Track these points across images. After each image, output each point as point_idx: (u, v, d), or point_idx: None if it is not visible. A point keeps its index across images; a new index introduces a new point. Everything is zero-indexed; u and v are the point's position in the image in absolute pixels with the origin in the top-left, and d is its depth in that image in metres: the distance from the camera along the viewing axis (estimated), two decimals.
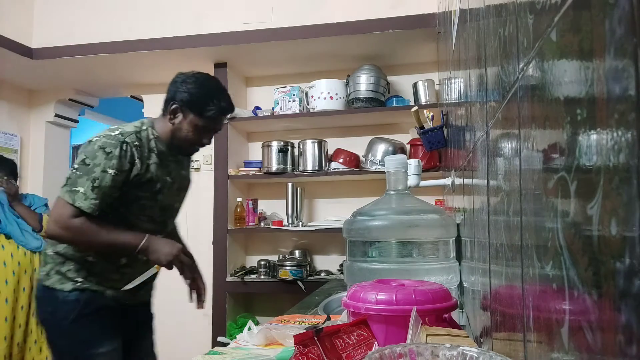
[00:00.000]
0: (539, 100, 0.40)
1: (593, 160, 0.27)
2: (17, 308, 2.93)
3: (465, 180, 1.15)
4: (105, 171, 1.44)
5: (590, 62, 0.28)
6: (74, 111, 4.06)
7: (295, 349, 0.68)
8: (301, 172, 3.03)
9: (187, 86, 1.57)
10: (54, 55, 3.09)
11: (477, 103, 0.84)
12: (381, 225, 1.17)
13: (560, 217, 0.34)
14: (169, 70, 3.38)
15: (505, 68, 0.55)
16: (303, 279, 2.89)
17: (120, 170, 1.46)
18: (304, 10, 2.78)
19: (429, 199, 2.45)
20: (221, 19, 2.88)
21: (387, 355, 0.46)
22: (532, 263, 0.43)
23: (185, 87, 1.57)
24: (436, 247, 1.16)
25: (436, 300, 0.78)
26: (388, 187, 1.20)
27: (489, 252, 0.73)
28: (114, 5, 3.05)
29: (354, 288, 0.85)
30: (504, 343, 0.61)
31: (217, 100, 1.57)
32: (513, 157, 0.52)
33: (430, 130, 1.95)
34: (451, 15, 1.48)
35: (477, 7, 0.83)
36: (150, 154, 1.56)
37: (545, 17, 0.37)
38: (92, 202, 1.43)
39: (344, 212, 2.99)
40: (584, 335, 0.29)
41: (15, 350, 2.88)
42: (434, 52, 2.92)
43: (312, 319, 1.34)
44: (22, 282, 2.95)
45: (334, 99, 2.95)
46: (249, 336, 1.12)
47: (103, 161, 1.44)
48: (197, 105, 1.56)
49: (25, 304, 2.97)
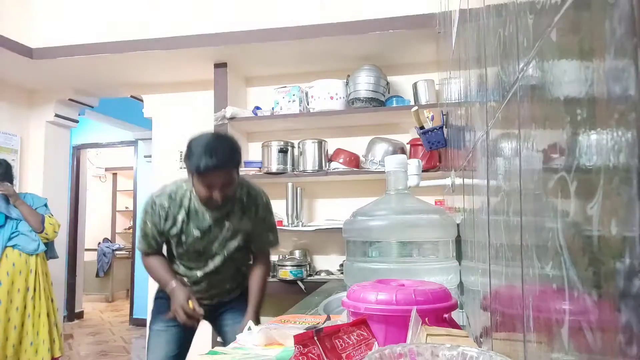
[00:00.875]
0: (539, 100, 0.40)
1: (593, 160, 0.27)
2: (12, 309, 2.90)
3: (465, 180, 1.15)
4: (145, 223, 1.87)
5: (590, 62, 0.28)
6: (74, 111, 4.06)
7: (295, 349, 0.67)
8: (301, 172, 3.03)
9: (187, 145, 1.77)
10: (54, 55, 3.09)
11: (477, 103, 0.84)
12: (381, 225, 1.17)
13: (560, 217, 0.34)
14: (169, 70, 3.40)
15: (505, 68, 0.55)
16: (303, 279, 2.89)
17: (154, 223, 1.85)
18: (304, 10, 2.78)
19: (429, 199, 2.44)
20: (221, 19, 2.88)
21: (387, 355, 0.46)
22: (532, 263, 0.43)
23: (186, 146, 1.77)
24: (436, 247, 1.16)
25: (436, 300, 0.78)
26: (388, 187, 1.20)
27: (489, 252, 0.73)
28: (114, 6, 3.05)
29: (353, 288, 0.85)
30: (504, 343, 0.61)
31: (201, 156, 1.69)
32: (513, 157, 0.52)
33: (430, 130, 1.95)
34: (451, 15, 1.48)
35: (477, 7, 0.83)
36: (180, 210, 1.85)
37: (545, 17, 0.37)
38: (143, 245, 1.91)
39: (344, 212, 2.99)
40: (584, 336, 0.29)
41: (10, 352, 2.86)
42: (434, 52, 2.92)
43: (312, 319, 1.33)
44: (16, 284, 2.92)
45: (334, 99, 2.95)
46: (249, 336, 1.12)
47: (144, 216, 1.88)
48: (189, 164, 1.73)
49: (20, 306, 2.93)
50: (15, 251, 2.94)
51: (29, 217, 2.99)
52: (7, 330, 2.87)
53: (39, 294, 3.02)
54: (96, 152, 7.39)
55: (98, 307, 6.78)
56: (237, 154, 1.79)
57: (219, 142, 1.76)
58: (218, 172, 1.73)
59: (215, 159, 1.70)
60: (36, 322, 3.00)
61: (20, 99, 3.78)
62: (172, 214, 1.85)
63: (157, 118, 3.66)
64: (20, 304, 2.93)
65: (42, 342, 2.99)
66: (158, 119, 3.66)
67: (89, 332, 5.31)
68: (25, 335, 2.96)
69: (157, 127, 3.67)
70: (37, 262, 3.03)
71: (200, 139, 1.75)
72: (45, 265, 3.13)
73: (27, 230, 2.99)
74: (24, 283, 2.96)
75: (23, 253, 2.96)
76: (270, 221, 2.00)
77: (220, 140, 1.78)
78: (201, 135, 1.78)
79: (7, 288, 2.87)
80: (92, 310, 6.54)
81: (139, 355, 4.38)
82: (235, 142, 1.81)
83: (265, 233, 1.98)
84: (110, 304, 7.07)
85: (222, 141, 1.77)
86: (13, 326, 2.89)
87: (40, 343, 2.99)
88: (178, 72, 3.38)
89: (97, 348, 4.64)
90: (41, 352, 2.98)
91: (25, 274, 2.96)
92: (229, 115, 3.00)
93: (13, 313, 2.90)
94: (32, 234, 3.01)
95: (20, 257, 2.95)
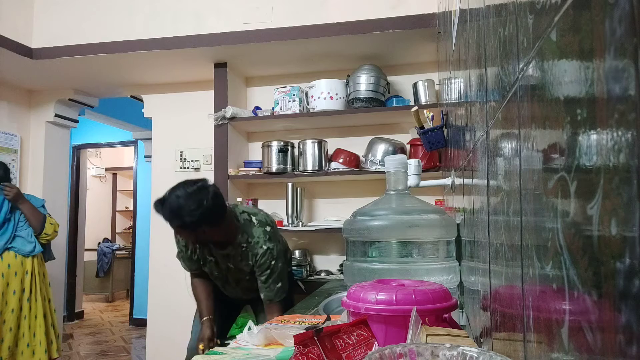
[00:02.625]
0: (539, 100, 0.40)
1: (593, 160, 0.27)
2: (7, 311, 2.87)
3: (465, 180, 1.15)
4: (180, 248, 2.09)
5: (590, 62, 0.28)
6: (74, 111, 4.06)
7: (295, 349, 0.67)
8: (301, 172, 3.03)
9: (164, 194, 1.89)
10: (54, 55, 3.09)
11: (477, 103, 0.84)
12: (381, 225, 1.17)
13: (560, 217, 0.34)
14: (169, 70, 3.40)
15: (505, 68, 0.55)
16: (303, 279, 2.89)
17: (181, 249, 2.07)
18: (304, 10, 2.78)
19: (429, 199, 2.45)
20: (221, 19, 2.88)
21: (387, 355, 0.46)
22: (532, 263, 0.43)
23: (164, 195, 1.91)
24: (436, 247, 1.16)
25: (436, 300, 0.78)
26: (388, 187, 1.20)
27: (489, 252, 0.73)
28: (114, 5, 3.05)
29: (353, 288, 0.85)
30: (504, 343, 0.61)
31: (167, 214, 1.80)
32: (513, 157, 0.52)
33: (430, 130, 1.95)
34: (451, 15, 1.48)
35: (477, 7, 0.83)
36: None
37: (545, 17, 0.37)
38: (183, 265, 2.14)
39: (344, 212, 2.99)
40: (584, 336, 0.29)
41: (5, 354, 2.84)
42: (434, 52, 2.92)
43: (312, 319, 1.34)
44: (12, 285, 2.90)
45: (334, 99, 2.95)
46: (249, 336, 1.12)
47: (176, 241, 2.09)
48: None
49: (15, 307, 2.90)
50: (11, 253, 2.92)
51: (30, 217, 2.98)
52: (2, 332, 2.84)
53: (35, 295, 3.01)
54: (96, 152, 7.39)
55: (98, 307, 6.78)
56: (207, 213, 1.77)
57: (189, 200, 1.76)
58: (185, 231, 1.83)
59: (178, 220, 1.77)
60: (33, 323, 2.99)
61: (20, 99, 3.78)
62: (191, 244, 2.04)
63: (157, 118, 3.66)
64: (15, 306, 2.91)
65: (39, 343, 2.98)
66: (158, 119, 3.66)
67: (89, 332, 5.31)
68: (21, 337, 2.93)
69: (157, 127, 3.67)
70: (34, 263, 3.01)
71: (173, 194, 1.80)
72: (43, 266, 3.12)
73: (23, 232, 2.98)
74: (19, 284, 2.93)
75: (19, 255, 2.95)
76: (274, 268, 1.95)
77: (190, 198, 1.77)
78: (176, 188, 1.82)
79: (1, 290, 2.84)
80: (92, 310, 6.54)
81: (139, 355, 4.38)
82: (209, 198, 1.79)
83: (270, 284, 1.96)
84: (110, 304, 7.07)
85: (191, 199, 1.76)
86: (9, 328, 2.87)
87: (37, 344, 2.98)
88: (178, 72, 3.38)
89: (97, 348, 4.64)
90: (38, 353, 2.96)
91: (20, 275, 2.94)
92: (229, 115, 3.00)
93: (8, 315, 2.88)
94: (28, 236, 2.98)
95: (15, 258, 2.93)
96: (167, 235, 2.96)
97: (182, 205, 1.76)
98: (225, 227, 1.88)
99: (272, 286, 1.95)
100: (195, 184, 1.83)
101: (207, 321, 2.06)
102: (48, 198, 3.52)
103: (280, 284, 1.96)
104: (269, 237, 1.95)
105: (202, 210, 1.76)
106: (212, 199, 1.80)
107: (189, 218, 1.75)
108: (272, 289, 1.95)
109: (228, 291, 2.18)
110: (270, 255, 1.94)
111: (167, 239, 3.02)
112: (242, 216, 1.99)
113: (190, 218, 1.75)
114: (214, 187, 1.87)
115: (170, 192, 1.82)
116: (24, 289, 2.96)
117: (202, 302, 2.11)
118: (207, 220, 1.79)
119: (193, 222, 1.77)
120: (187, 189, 1.80)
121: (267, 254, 1.93)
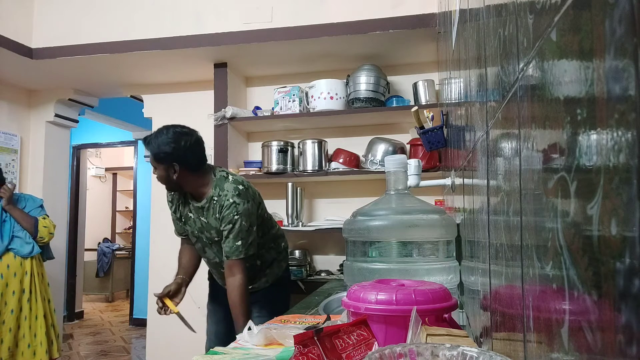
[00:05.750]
0: (539, 100, 0.40)
1: (593, 160, 0.27)
2: (6, 312, 2.87)
3: (465, 180, 1.15)
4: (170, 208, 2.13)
5: (590, 62, 0.28)
6: (74, 111, 4.06)
7: (295, 349, 0.67)
8: (301, 172, 3.03)
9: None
10: (54, 55, 3.09)
11: (477, 103, 0.84)
12: (381, 225, 1.17)
13: (560, 217, 0.34)
14: (169, 70, 3.40)
15: (505, 68, 0.55)
16: (303, 279, 2.89)
17: (170, 207, 2.13)
18: (304, 10, 2.78)
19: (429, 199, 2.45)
20: (221, 19, 2.88)
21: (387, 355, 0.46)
22: (532, 263, 0.43)
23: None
24: (436, 247, 1.16)
25: (436, 300, 0.78)
26: (388, 187, 1.20)
27: (489, 252, 0.73)
28: (113, 5, 3.05)
29: (353, 288, 0.85)
30: (504, 343, 0.61)
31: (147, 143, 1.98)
32: (513, 157, 0.52)
33: (430, 130, 1.95)
34: (451, 15, 1.48)
35: (477, 7, 0.83)
36: (180, 197, 2.08)
37: (545, 17, 0.37)
38: (174, 228, 2.18)
39: (344, 212, 2.99)
40: (584, 336, 0.29)
41: (5, 355, 2.84)
42: (434, 52, 2.92)
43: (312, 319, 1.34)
44: (11, 286, 2.89)
45: (334, 99, 2.95)
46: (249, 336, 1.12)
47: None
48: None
49: (15, 308, 2.90)
50: (10, 254, 2.92)
51: (21, 222, 2.97)
52: (2, 333, 2.85)
53: (35, 295, 3.01)
54: (96, 152, 7.39)
55: (98, 307, 6.78)
56: (181, 151, 1.90)
57: (170, 134, 1.92)
58: (158, 163, 1.93)
59: (153, 147, 1.92)
60: (33, 324, 2.99)
61: (20, 99, 3.78)
62: (175, 201, 2.09)
63: (157, 118, 3.66)
64: (15, 307, 2.91)
65: (39, 343, 2.98)
66: (158, 119, 3.66)
67: (89, 332, 5.31)
68: (22, 338, 2.93)
69: (157, 127, 3.66)
70: (33, 263, 3.01)
71: (162, 127, 1.96)
72: (42, 267, 3.12)
73: (21, 233, 2.97)
74: (18, 285, 2.93)
75: (18, 256, 2.94)
76: (235, 224, 1.91)
77: (173, 134, 1.92)
78: (168, 125, 1.97)
79: (0, 290, 2.85)
80: (92, 310, 6.54)
81: (139, 355, 4.38)
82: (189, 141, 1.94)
83: (230, 239, 1.91)
84: (110, 304, 7.07)
85: (173, 135, 1.92)
86: (8, 328, 2.87)
87: (38, 345, 2.98)
88: (178, 72, 3.38)
89: (97, 348, 4.64)
90: (39, 353, 2.97)
91: (20, 276, 2.93)
92: (229, 115, 3.00)
93: (8, 316, 2.88)
94: (26, 237, 2.98)
95: (14, 259, 2.92)
96: (167, 235, 2.96)
97: (162, 136, 1.91)
98: (200, 177, 1.97)
99: (231, 242, 1.91)
100: (184, 128, 1.97)
101: (179, 279, 2.10)
102: (48, 198, 3.52)
103: (240, 243, 1.91)
104: (238, 193, 1.94)
105: (177, 145, 1.90)
106: (191, 144, 1.93)
107: (164, 147, 1.89)
108: (231, 245, 1.91)
109: (207, 256, 2.12)
110: (235, 209, 1.91)
111: (168, 239, 3.02)
112: (220, 172, 2.02)
113: (164, 147, 1.89)
114: (198, 136, 2.00)
115: (161, 127, 1.97)
116: (23, 290, 2.96)
117: (180, 265, 2.16)
118: (179, 157, 1.90)
119: (165, 154, 1.90)
120: (176, 128, 1.95)
121: (231, 207, 1.91)
